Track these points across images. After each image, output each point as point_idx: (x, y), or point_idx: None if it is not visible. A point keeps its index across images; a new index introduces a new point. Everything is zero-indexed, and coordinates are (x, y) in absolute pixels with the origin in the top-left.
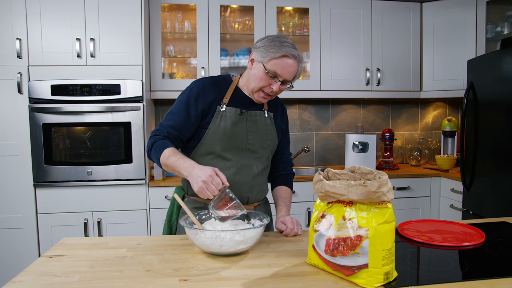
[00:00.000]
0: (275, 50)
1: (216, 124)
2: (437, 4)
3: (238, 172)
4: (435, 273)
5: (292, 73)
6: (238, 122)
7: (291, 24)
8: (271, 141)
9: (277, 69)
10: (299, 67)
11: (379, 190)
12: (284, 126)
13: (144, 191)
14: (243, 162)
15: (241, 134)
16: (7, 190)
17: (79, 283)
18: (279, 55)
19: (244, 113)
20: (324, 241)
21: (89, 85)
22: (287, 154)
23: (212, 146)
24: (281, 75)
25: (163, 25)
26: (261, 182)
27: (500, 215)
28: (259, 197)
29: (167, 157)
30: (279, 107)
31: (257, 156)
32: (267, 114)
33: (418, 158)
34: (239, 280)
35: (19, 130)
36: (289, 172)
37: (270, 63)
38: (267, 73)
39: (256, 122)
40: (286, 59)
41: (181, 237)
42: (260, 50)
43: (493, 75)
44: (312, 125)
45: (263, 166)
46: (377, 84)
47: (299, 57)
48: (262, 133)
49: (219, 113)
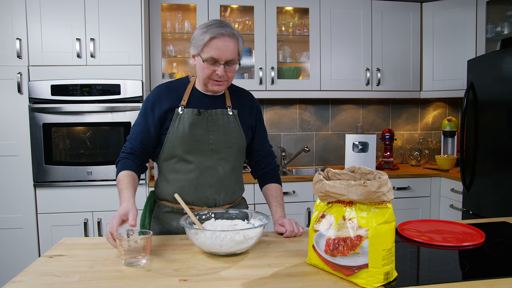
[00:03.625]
0: (203, 37)
1: (175, 128)
2: (437, 4)
3: (201, 175)
4: (435, 273)
5: (228, 51)
6: (197, 123)
7: (291, 24)
8: (236, 139)
9: (212, 54)
10: (236, 42)
11: (379, 190)
12: (254, 121)
13: (144, 191)
14: (207, 163)
15: (201, 135)
16: (7, 190)
17: (79, 283)
18: (207, 39)
19: (203, 112)
20: (324, 241)
21: (89, 85)
22: (267, 148)
23: (174, 150)
24: (219, 58)
25: (163, 25)
26: (231, 183)
27: (500, 215)
28: (230, 199)
29: (117, 183)
30: (247, 103)
31: (222, 157)
32: (231, 112)
33: (418, 158)
34: (239, 280)
35: (19, 130)
36: (273, 167)
37: (204, 51)
38: (206, 61)
39: (217, 121)
40: (215, 41)
41: (181, 237)
42: (193, 43)
43: (493, 75)
44: (312, 125)
45: (231, 166)
46: (377, 84)
47: (229, 33)
48: (225, 132)
49: (177, 116)
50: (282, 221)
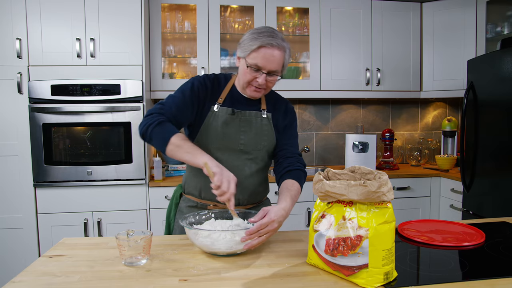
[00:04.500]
0: (252, 43)
1: (209, 124)
2: (437, 4)
3: None
4: (435, 273)
5: (274, 62)
6: (230, 122)
7: (291, 24)
8: (266, 142)
9: (257, 61)
10: (283, 55)
11: (379, 190)
12: (287, 122)
13: (144, 191)
14: (234, 163)
15: (232, 134)
16: (7, 190)
17: (79, 283)
18: (256, 46)
19: (237, 112)
20: (324, 241)
21: (89, 85)
22: (294, 151)
23: (204, 146)
24: (263, 66)
25: (163, 25)
26: (255, 183)
27: (500, 215)
28: (254, 199)
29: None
30: (282, 107)
31: (250, 157)
32: (265, 115)
33: (418, 158)
34: (239, 280)
35: (19, 130)
36: (297, 168)
37: (250, 56)
38: (250, 67)
39: (250, 122)
40: (263, 50)
41: (181, 237)
42: (241, 46)
43: (493, 75)
44: (312, 125)
45: (257, 167)
46: (377, 84)
47: (279, 44)
48: (257, 133)
49: (212, 113)
50: (268, 208)
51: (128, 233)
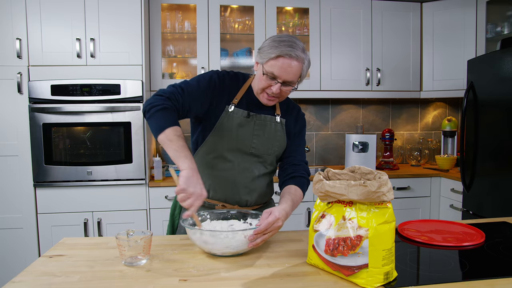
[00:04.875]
0: (272, 51)
1: (222, 124)
2: (437, 4)
3: (238, 175)
4: (435, 273)
5: (291, 73)
6: (245, 124)
7: (291, 24)
8: (277, 147)
9: (274, 70)
10: (301, 67)
11: (379, 190)
12: (297, 129)
13: (144, 191)
14: (244, 164)
15: (245, 137)
16: (7, 190)
17: (79, 283)
18: (274, 55)
19: (252, 115)
20: (324, 241)
21: (89, 85)
22: (300, 158)
23: (215, 145)
24: (279, 76)
25: (163, 25)
26: (262, 185)
27: (500, 215)
28: (261, 200)
29: (178, 136)
30: (294, 113)
31: (260, 160)
32: (279, 120)
33: (418, 158)
34: (239, 280)
35: (19, 130)
36: (301, 175)
37: (268, 64)
38: (266, 74)
39: (265, 126)
40: (281, 59)
41: (181, 237)
42: (260, 52)
43: (493, 75)
44: (312, 125)
45: (266, 170)
46: (377, 84)
47: (298, 56)
48: (269, 138)
49: (227, 113)
50: (270, 209)
51: (128, 233)
